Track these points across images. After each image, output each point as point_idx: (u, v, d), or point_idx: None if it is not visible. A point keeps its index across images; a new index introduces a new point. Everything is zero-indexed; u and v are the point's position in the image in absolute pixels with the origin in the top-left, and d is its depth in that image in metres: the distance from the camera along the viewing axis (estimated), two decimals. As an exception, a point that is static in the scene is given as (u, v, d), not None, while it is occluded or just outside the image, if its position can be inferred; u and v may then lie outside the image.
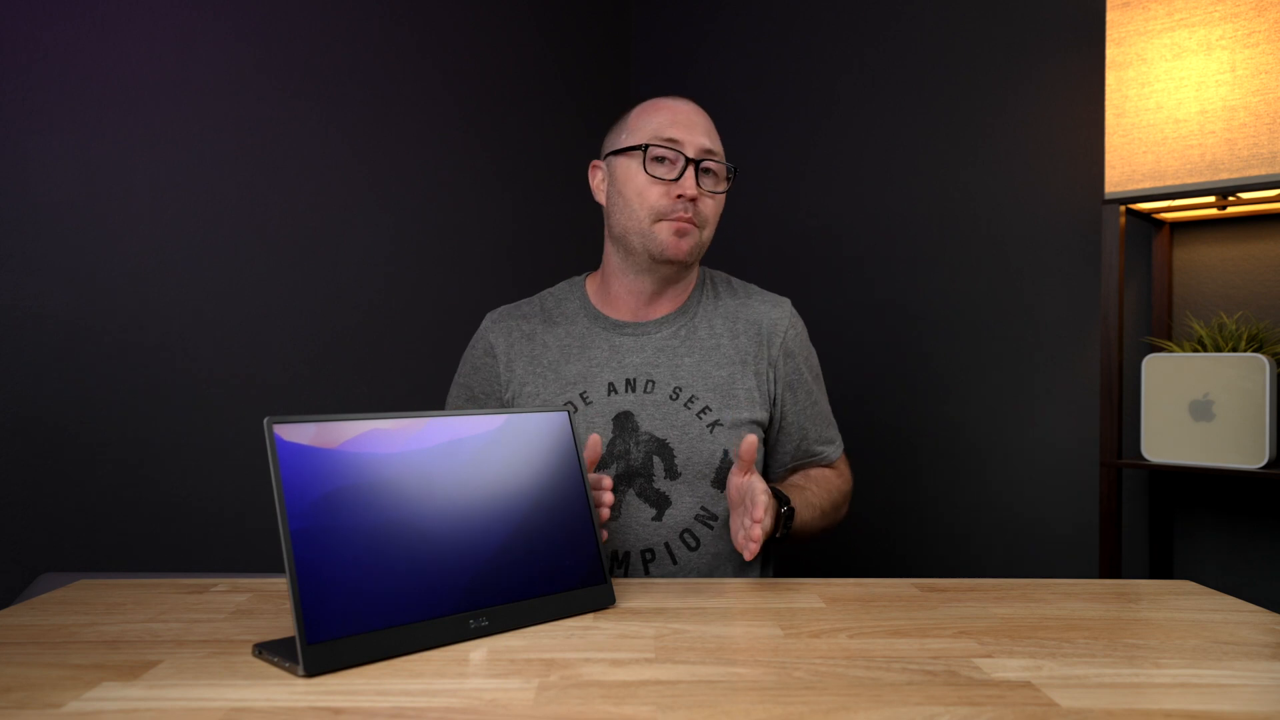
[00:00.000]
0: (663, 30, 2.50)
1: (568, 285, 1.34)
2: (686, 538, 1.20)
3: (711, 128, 1.23)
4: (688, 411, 1.21)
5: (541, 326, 1.28)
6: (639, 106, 1.25)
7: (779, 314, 1.29)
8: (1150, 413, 1.49)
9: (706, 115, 1.25)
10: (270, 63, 1.81)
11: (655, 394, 1.22)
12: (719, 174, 1.22)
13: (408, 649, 0.73)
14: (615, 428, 1.20)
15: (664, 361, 1.23)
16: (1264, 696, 0.65)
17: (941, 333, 1.95)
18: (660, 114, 1.21)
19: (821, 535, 1.25)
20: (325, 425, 0.75)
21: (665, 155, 1.18)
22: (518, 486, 0.86)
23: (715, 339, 1.26)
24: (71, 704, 0.62)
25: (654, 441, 1.20)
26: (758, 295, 1.32)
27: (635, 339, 1.25)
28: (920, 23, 2.00)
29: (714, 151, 1.20)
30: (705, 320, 1.27)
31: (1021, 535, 1.83)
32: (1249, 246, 1.57)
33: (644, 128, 1.21)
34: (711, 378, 1.23)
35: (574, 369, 1.23)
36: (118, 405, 1.63)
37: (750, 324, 1.27)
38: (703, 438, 1.20)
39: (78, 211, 1.59)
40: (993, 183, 1.88)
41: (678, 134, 1.18)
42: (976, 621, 0.84)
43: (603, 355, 1.24)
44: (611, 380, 1.22)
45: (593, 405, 1.21)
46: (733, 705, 0.62)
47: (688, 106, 1.23)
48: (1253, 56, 1.36)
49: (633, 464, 1.20)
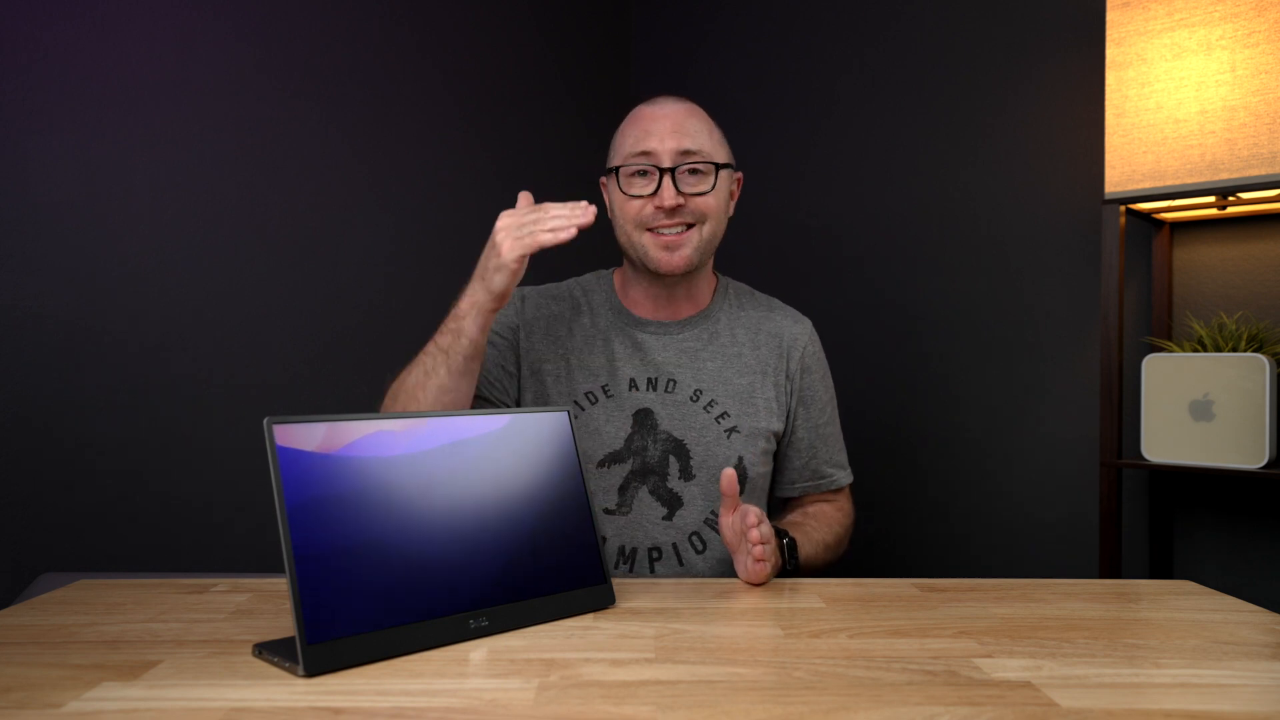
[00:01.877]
0: (663, 30, 2.50)
1: (595, 277, 1.34)
2: (694, 540, 1.20)
3: (694, 124, 1.20)
4: (707, 415, 1.22)
5: (569, 311, 1.28)
6: (626, 119, 1.25)
7: (800, 330, 1.30)
8: (1150, 413, 1.49)
9: (691, 110, 1.22)
10: (270, 63, 1.81)
11: (676, 394, 1.22)
12: (705, 171, 1.20)
13: (408, 649, 0.73)
14: (635, 424, 1.21)
15: (686, 363, 1.24)
16: (1264, 696, 0.65)
17: (941, 333, 1.95)
18: (634, 128, 1.21)
19: (824, 569, 1.23)
20: (325, 425, 0.75)
21: (640, 171, 1.19)
22: (518, 486, 0.86)
23: (737, 346, 1.26)
24: (71, 704, 0.62)
25: (671, 441, 1.21)
26: (780, 310, 1.33)
27: (658, 338, 1.25)
28: (920, 23, 2.00)
29: (693, 151, 1.18)
30: (727, 326, 1.28)
31: (1021, 535, 1.83)
32: (1249, 246, 1.57)
33: (621, 146, 1.22)
34: (732, 384, 1.24)
35: (597, 360, 1.24)
36: (118, 405, 1.63)
37: (772, 336, 1.28)
38: (720, 442, 1.21)
39: (78, 211, 1.59)
40: (993, 183, 1.88)
41: (650, 145, 1.18)
42: (976, 621, 0.84)
43: (626, 350, 1.25)
44: (633, 376, 1.23)
45: (614, 399, 1.22)
46: (733, 705, 0.62)
47: (665, 110, 1.21)
48: (1253, 56, 1.36)
49: (649, 461, 1.21)
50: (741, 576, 1.01)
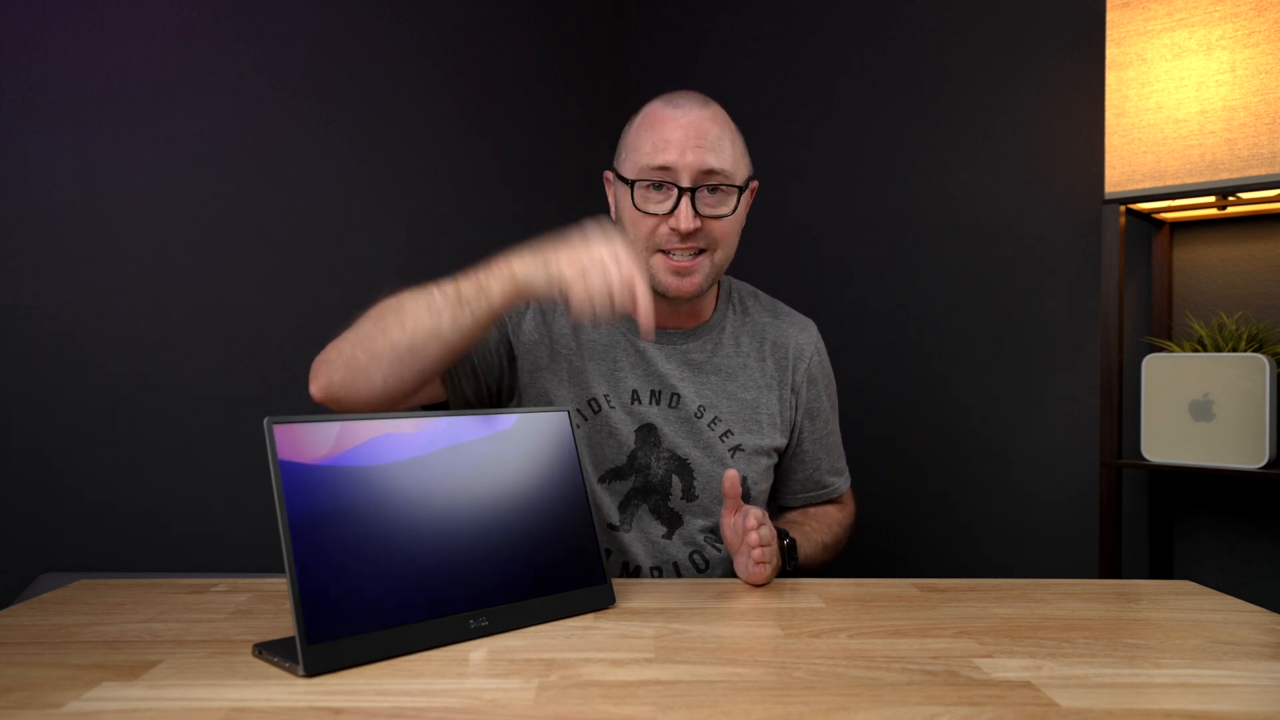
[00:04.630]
0: (663, 30, 2.50)
1: None
2: (696, 558, 1.18)
3: (716, 134, 1.11)
4: (711, 433, 1.18)
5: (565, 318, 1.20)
6: (641, 115, 1.15)
7: (806, 339, 1.26)
8: (1150, 413, 1.49)
9: (715, 117, 1.12)
10: (270, 63, 1.81)
11: (680, 409, 1.18)
12: (727, 192, 1.11)
13: (408, 649, 0.73)
14: (639, 439, 1.16)
15: (690, 376, 1.19)
16: (1264, 696, 0.65)
17: (941, 332, 1.95)
18: (652, 134, 1.10)
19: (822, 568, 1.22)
20: (325, 425, 0.75)
21: (655, 184, 1.09)
22: (518, 486, 0.86)
23: (742, 358, 1.22)
24: (71, 704, 0.62)
25: (675, 460, 1.17)
26: (785, 315, 1.28)
27: (661, 348, 1.19)
28: (920, 23, 2.00)
29: (717, 170, 1.09)
30: (732, 336, 1.23)
31: (1021, 535, 1.83)
32: (1249, 246, 1.57)
33: (636, 151, 1.12)
34: (736, 399, 1.20)
35: (598, 369, 1.17)
36: (118, 405, 1.63)
37: (777, 346, 1.24)
38: (723, 461, 1.18)
39: (78, 211, 1.59)
40: (993, 183, 1.88)
41: (670, 159, 1.08)
42: (976, 621, 0.84)
43: (629, 360, 1.18)
44: (636, 388, 1.18)
45: (616, 410, 1.16)
46: (733, 705, 0.62)
47: (687, 116, 1.10)
48: (1253, 56, 1.36)
49: (651, 480, 1.16)
50: (742, 577, 1.00)
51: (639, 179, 1.10)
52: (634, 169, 1.12)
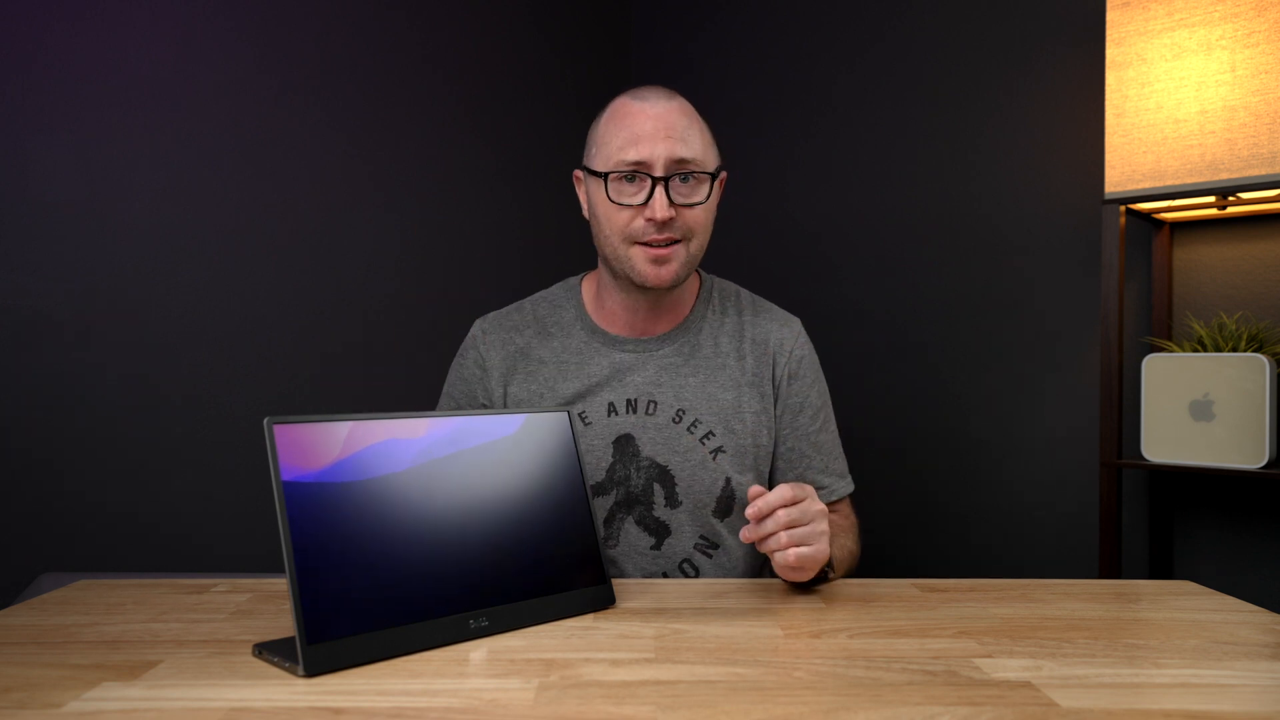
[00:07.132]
0: (662, 30, 2.50)
1: (563, 290, 1.25)
2: (686, 567, 1.16)
3: (686, 126, 1.11)
4: (691, 436, 1.15)
5: (536, 340, 1.20)
6: (607, 111, 1.16)
7: (786, 333, 1.22)
8: (1150, 413, 1.49)
9: (682, 109, 1.12)
10: (270, 63, 1.81)
11: (657, 416, 1.15)
12: (700, 180, 1.11)
13: (408, 649, 0.73)
14: (615, 451, 1.14)
15: (666, 381, 1.17)
16: (1264, 696, 0.65)
17: (941, 332, 1.95)
18: (622, 130, 1.11)
19: None
20: (325, 425, 0.75)
21: (628, 176, 1.09)
22: (518, 486, 0.86)
23: (721, 358, 1.19)
24: (71, 704, 0.62)
25: (655, 468, 1.15)
26: (766, 313, 1.24)
27: (636, 355, 1.17)
28: (920, 22, 2.00)
29: (688, 160, 1.09)
30: (710, 337, 1.20)
31: (1022, 535, 1.83)
32: (1249, 246, 1.57)
33: (606, 147, 1.12)
34: (716, 400, 1.17)
35: (571, 387, 1.16)
36: (118, 405, 1.63)
37: (757, 343, 1.21)
38: (705, 465, 1.15)
39: (78, 211, 1.59)
40: (993, 183, 1.88)
41: (641, 153, 1.08)
42: (976, 621, 0.84)
43: (602, 373, 1.16)
44: (612, 400, 1.16)
45: (592, 426, 1.15)
46: (733, 705, 0.62)
47: (656, 109, 1.11)
48: (1253, 56, 1.36)
49: (633, 490, 1.14)
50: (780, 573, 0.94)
51: (612, 172, 1.10)
52: (605, 163, 1.12)
